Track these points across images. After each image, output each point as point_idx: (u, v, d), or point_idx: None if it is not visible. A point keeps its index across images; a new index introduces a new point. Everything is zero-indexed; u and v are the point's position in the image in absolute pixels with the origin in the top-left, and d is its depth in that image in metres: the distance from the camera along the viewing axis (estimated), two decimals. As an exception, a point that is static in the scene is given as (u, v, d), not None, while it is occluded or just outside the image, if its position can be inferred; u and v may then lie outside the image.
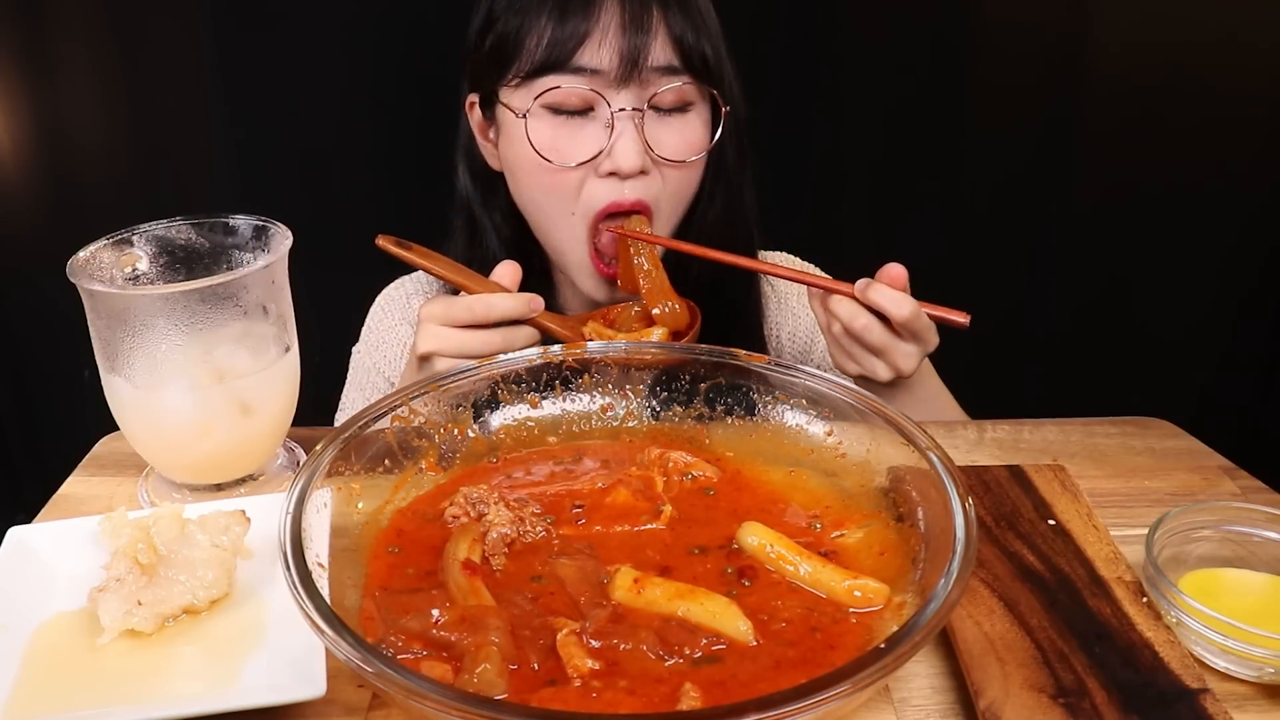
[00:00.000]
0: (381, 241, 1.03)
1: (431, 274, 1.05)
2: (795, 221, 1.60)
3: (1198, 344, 1.86)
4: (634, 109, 1.04)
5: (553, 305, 1.19)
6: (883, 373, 1.01)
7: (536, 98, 1.05)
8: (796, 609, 0.66)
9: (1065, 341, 1.88)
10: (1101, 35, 1.68)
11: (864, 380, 1.03)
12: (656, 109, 1.06)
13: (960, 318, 0.99)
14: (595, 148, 1.06)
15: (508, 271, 1.03)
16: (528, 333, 1.01)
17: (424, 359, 1.00)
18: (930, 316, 0.99)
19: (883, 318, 0.99)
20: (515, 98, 1.08)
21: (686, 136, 1.09)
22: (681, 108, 1.08)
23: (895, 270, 1.01)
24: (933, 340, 1.02)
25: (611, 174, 1.06)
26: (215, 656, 0.70)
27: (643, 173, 1.07)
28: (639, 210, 1.08)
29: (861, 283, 1.00)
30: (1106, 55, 1.69)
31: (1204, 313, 1.85)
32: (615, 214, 1.08)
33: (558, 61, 1.03)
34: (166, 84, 1.68)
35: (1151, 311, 1.84)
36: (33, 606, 0.74)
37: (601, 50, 1.03)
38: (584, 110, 1.06)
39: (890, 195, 1.77)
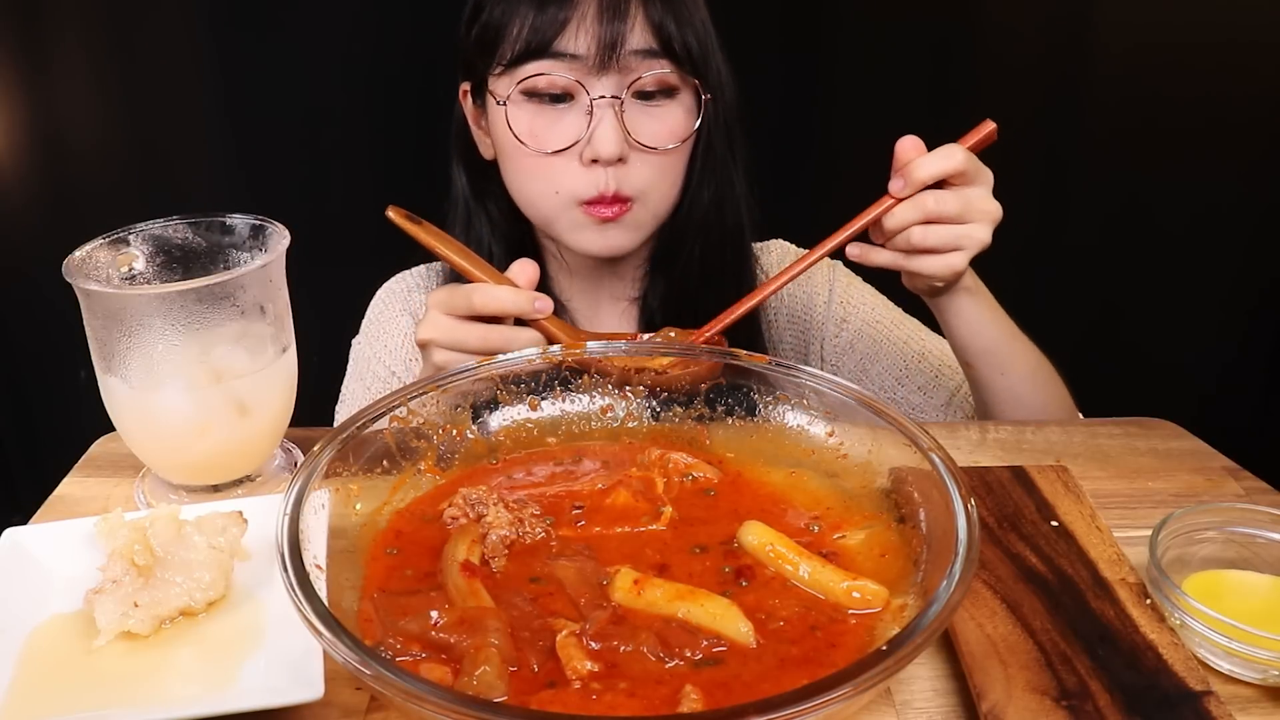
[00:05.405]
0: (392, 213, 1.01)
1: (437, 254, 1.00)
2: (790, 209, 1.59)
3: (1202, 344, 1.86)
4: (613, 96, 1.06)
5: (544, 283, 1.13)
6: (984, 234, 0.98)
7: (518, 83, 1.07)
8: (794, 607, 0.66)
9: (1068, 341, 1.87)
10: (1104, 37, 1.68)
11: (938, 298, 1.05)
12: (638, 96, 1.07)
13: (987, 128, 0.99)
14: (575, 135, 1.07)
15: (522, 270, 0.98)
16: (530, 335, 0.96)
17: (422, 347, 0.99)
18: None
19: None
20: (500, 85, 1.10)
21: (668, 124, 1.09)
22: (664, 94, 1.09)
23: (912, 140, 0.98)
24: (988, 173, 0.99)
25: (594, 161, 1.07)
26: (212, 659, 0.69)
27: (622, 160, 1.07)
28: (621, 200, 1.08)
29: (897, 181, 0.97)
30: (1109, 57, 1.69)
31: (1209, 312, 1.84)
32: (600, 202, 1.08)
33: (538, 48, 1.05)
34: (163, 82, 1.68)
35: (1155, 311, 1.84)
36: (28, 608, 0.73)
37: (580, 36, 1.04)
38: (566, 98, 1.07)
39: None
